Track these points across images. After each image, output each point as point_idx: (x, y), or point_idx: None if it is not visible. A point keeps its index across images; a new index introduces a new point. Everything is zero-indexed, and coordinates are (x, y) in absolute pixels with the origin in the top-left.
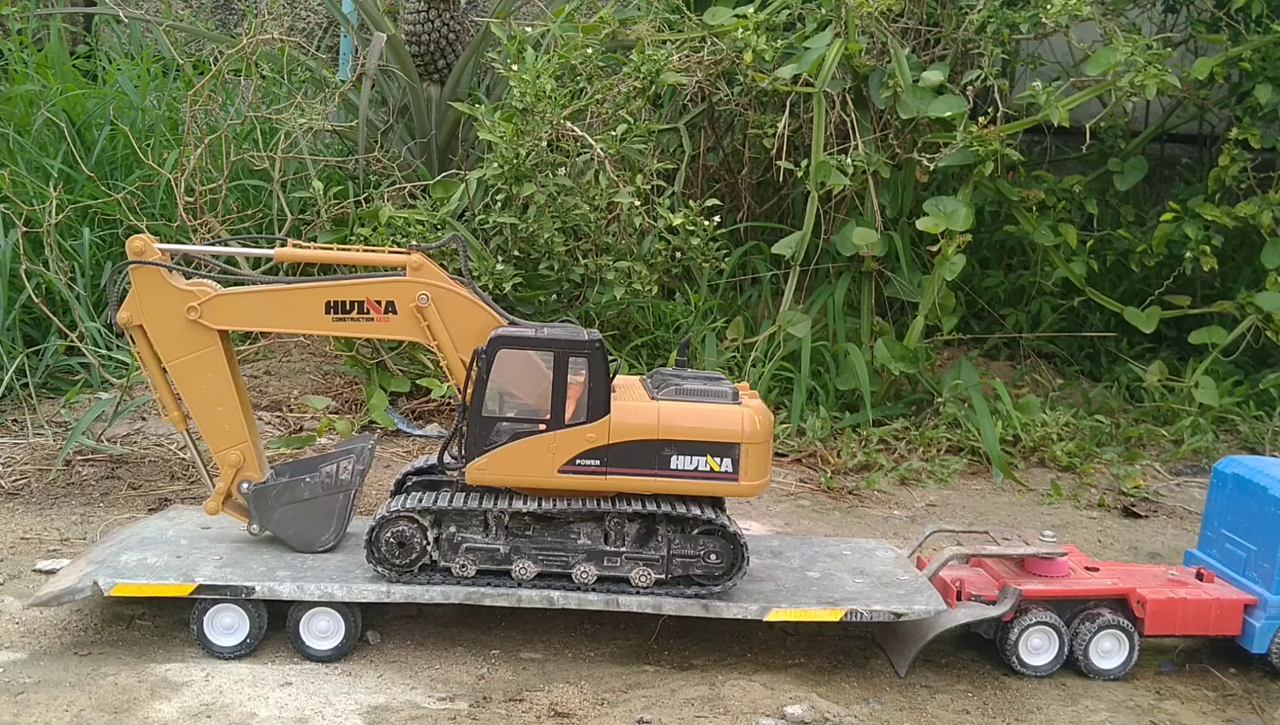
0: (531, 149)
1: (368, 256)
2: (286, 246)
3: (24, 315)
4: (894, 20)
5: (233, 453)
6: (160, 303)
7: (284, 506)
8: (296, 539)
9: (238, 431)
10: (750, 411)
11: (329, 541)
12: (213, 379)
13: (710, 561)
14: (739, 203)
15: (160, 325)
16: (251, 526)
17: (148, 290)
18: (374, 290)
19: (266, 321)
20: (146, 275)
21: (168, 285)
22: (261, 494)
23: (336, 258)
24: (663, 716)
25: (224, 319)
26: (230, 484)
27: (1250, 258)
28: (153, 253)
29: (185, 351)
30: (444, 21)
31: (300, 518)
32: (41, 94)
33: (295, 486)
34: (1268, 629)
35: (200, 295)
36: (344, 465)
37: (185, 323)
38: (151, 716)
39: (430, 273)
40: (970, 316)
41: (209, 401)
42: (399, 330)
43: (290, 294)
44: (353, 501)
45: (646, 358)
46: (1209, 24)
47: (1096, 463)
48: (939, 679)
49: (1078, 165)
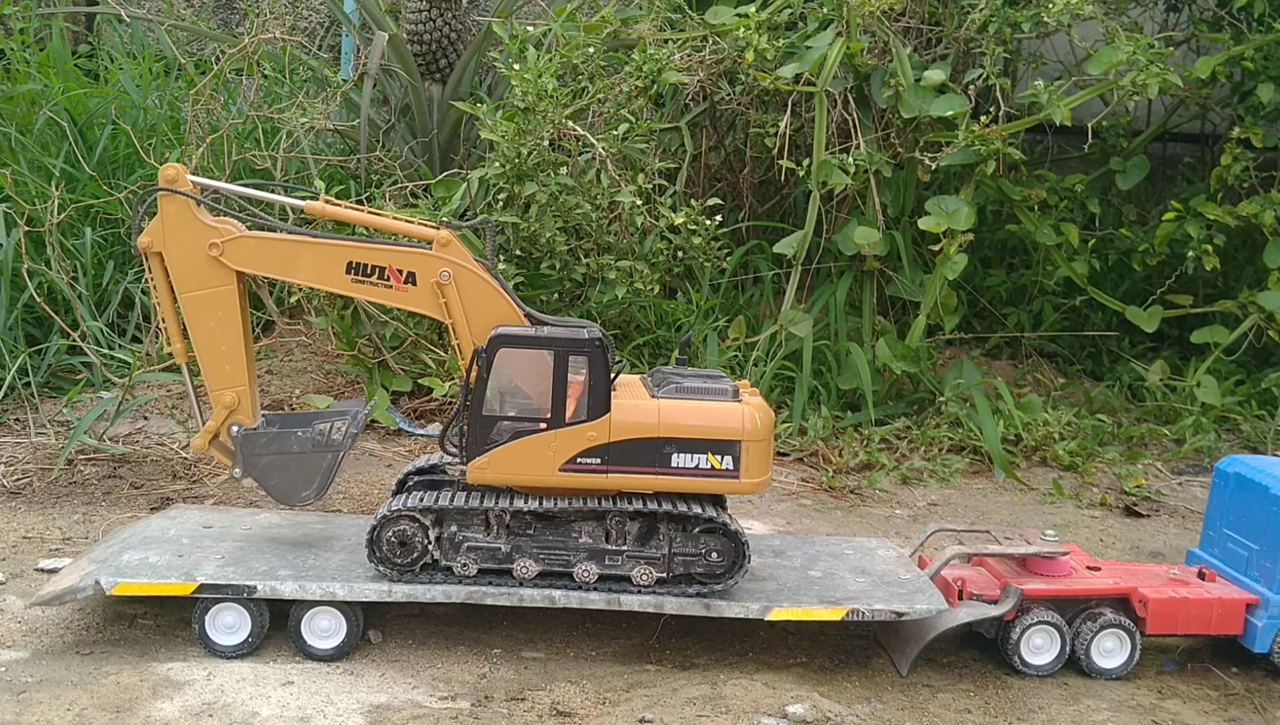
0: (533, 148)
1: (398, 224)
2: (318, 201)
3: (26, 314)
4: (895, 19)
5: (228, 394)
6: (183, 234)
7: (271, 456)
8: (278, 490)
9: (237, 374)
10: (751, 409)
11: (309, 498)
12: (222, 318)
13: (712, 560)
14: (740, 202)
15: (180, 256)
16: (234, 470)
17: (173, 220)
18: (398, 258)
19: (285, 270)
20: (174, 205)
21: (194, 218)
22: (251, 440)
23: (367, 220)
24: (664, 716)
25: (244, 260)
26: (220, 425)
27: (1252, 257)
28: (184, 184)
29: (200, 286)
30: (446, 21)
31: (285, 470)
32: (43, 93)
33: (285, 438)
34: (1269, 628)
35: (225, 233)
36: (338, 426)
37: (206, 258)
38: (153, 715)
39: (456, 251)
40: (972, 316)
41: (214, 339)
42: (415, 302)
43: (314, 247)
44: (339, 463)
45: (648, 357)
46: (1211, 23)
47: (1098, 462)
48: (941, 678)
49: (1080, 164)
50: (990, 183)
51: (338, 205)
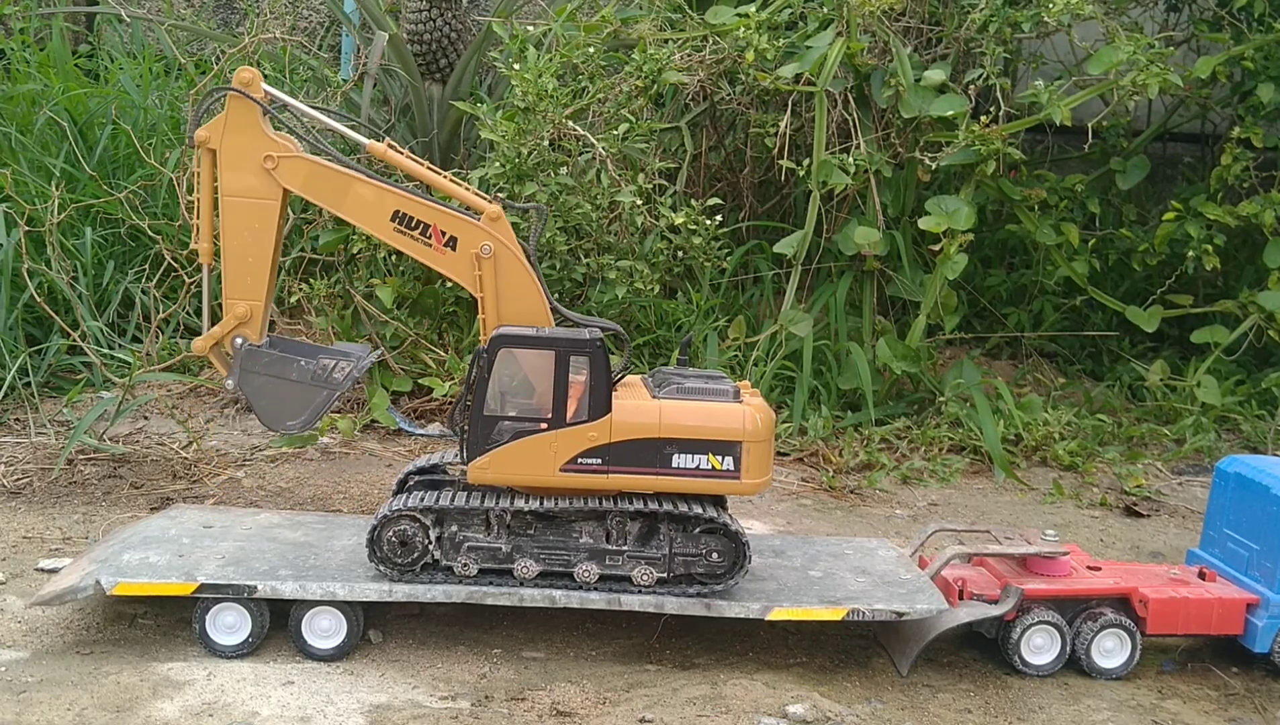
0: (533, 148)
1: (454, 187)
2: (383, 143)
3: (26, 314)
4: (896, 19)
5: (241, 305)
6: (243, 139)
7: (267, 378)
8: (265, 412)
9: (257, 288)
10: (752, 409)
11: (294, 428)
12: (258, 230)
13: (712, 560)
14: (741, 202)
15: (234, 159)
16: (227, 381)
17: (236, 122)
18: (445, 220)
19: (332, 201)
20: (242, 108)
21: (258, 125)
22: (252, 357)
23: (425, 175)
24: (665, 715)
25: (295, 180)
26: (227, 333)
27: (1252, 257)
28: (258, 91)
29: (246, 194)
30: (446, 20)
31: (278, 395)
32: (44, 93)
33: (286, 364)
34: (1270, 628)
35: (283, 149)
36: (341, 365)
37: (259, 168)
38: (154, 715)
39: (504, 229)
40: (972, 316)
41: (245, 248)
42: (449, 266)
43: (366, 185)
44: (332, 402)
45: (648, 357)
46: (1211, 23)
47: (1098, 462)
48: (941, 678)
49: (1080, 164)
50: (990, 183)
51: (400, 152)
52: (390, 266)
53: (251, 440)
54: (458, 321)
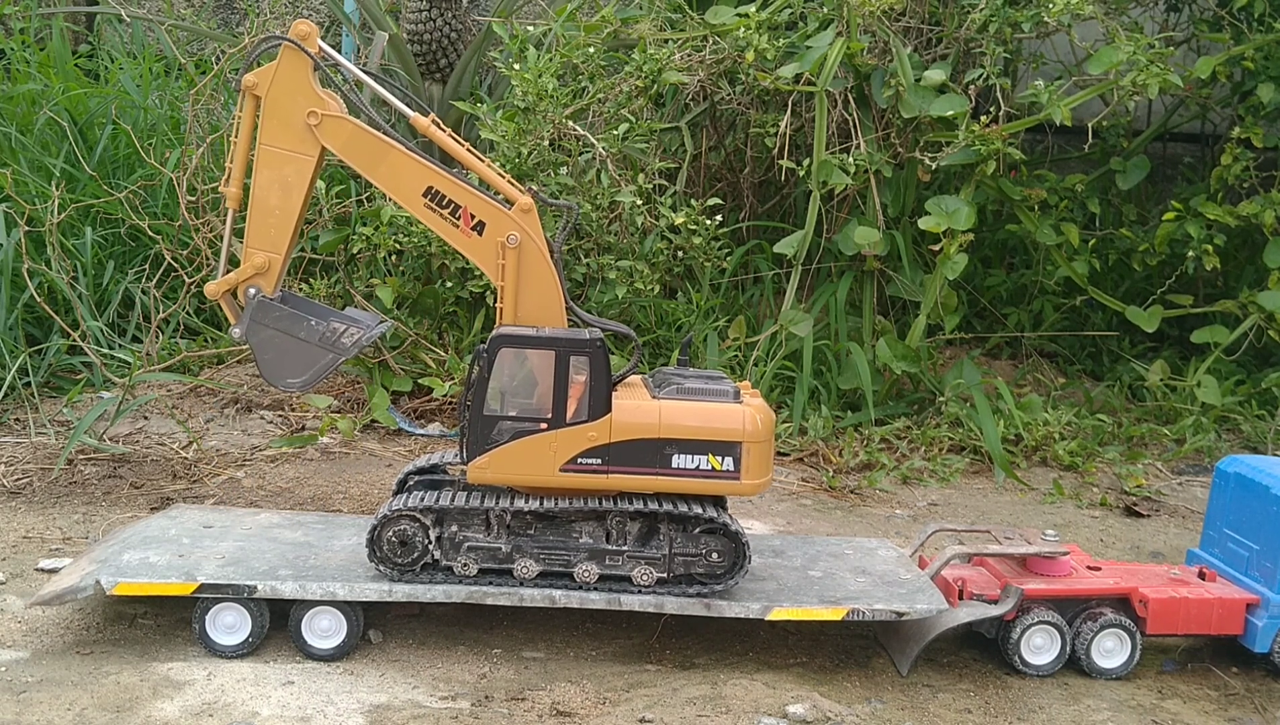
0: (533, 148)
1: (490, 173)
2: (428, 118)
3: (26, 314)
4: (896, 19)
5: (260, 255)
6: (290, 90)
7: (275, 332)
8: (268, 366)
9: (279, 241)
10: (752, 410)
11: (294, 386)
12: (291, 184)
13: (712, 560)
14: (741, 202)
15: (277, 109)
16: (234, 330)
17: (287, 73)
18: (477, 203)
19: (367, 166)
20: (295, 60)
21: (307, 80)
22: (264, 308)
23: (464, 157)
24: (665, 715)
25: (335, 140)
26: (243, 280)
27: (1253, 257)
28: (313, 45)
29: (284, 145)
30: (446, 20)
31: (283, 351)
32: (44, 93)
33: (296, 321)
34: (1270, 628)
35: (328, 107)
36: (350, 331)
37: (301, 122)
38: (154, 715)
39: (533, 222)
40: (972, 316)
41: (272, 198)
42: (474, 250)
43: (404, 156)
44: (336, 365)
45: (648, 357)
46: (1211, 23)
47: (1098, 462)
48: (941, 678)
49: (1080, 164)
50: (990, 183)
51: (442, 130)
52: (390, 267)
53: (251, 440)
54: (458, 321)
